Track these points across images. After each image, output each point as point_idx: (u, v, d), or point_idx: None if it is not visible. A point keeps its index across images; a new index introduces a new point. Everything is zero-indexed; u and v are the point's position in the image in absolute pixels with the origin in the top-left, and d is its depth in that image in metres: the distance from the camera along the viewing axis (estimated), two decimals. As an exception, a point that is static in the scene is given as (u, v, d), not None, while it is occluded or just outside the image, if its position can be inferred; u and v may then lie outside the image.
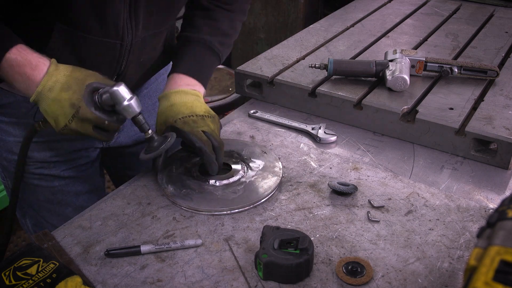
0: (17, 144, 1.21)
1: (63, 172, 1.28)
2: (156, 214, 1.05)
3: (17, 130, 1.22)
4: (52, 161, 1.26)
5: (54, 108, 0.98)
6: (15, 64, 0.97)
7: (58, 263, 0.86)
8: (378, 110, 1.31)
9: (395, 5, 2.14)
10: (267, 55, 1.60)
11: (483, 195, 1.11)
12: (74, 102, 0.97)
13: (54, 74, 0.98)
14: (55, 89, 0.97)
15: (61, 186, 1.30)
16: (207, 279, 0.89)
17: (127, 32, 1.08)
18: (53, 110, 0.98)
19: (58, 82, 0.98)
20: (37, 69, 0.98)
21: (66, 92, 0.98)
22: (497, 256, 0.58)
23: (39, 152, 1.24)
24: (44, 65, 0.99)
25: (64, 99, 0.97)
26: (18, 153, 1.17)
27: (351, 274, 0.89)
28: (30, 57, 0.98)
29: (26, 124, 1.20)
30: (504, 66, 1.54)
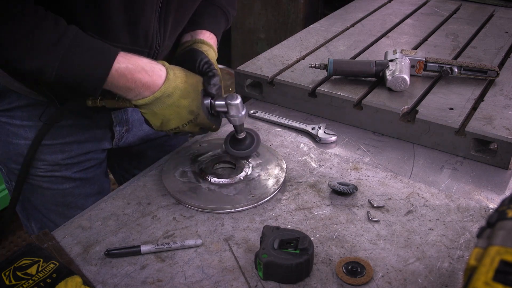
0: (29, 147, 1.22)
1: (74, 174, 1.28)
2: (156, 214, 1.05)
3: (29, 133, 1.21)
4: (64, 163, 1.26)
5: (169, 113, 1.02)
6: (128, 72, 0.97)
7: (58, 263, 0.86)
8: (378, 110, 1.31)
9: (395, 5, 2.14)
10: (267, 55, 1.60)
11: (483, 195, 1.11)
12: (193, 109, 1.04)
13: (173, 80, 1.01)
14: (175, 96, 1.01)
15: (71, 188, 1.30)
16: (207, 279, 0.89)
17: (155, 40, 1.09)
18: (167, 114, 1.02)
19: (177, 89, 1.01)
20: (153, 76, 1.00)
21: (185, 99, 1.02)
22: (497, 256, 0.58)
23: (51, 155, 1.24)
24: (160, 71, 1.01)
25: (183, 106, 1.02)
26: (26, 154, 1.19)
27: (351, 274, 0.89)
28: (141, 63, 0.99)
29: (39, 126, 1.20)
30: (504, 66, 1.54)
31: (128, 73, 0.97)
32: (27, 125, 1.21)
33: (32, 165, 1.24)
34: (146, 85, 0.99)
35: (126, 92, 1.00)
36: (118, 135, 1.32)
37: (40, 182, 1.26)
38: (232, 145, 1.17)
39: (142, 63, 0.99)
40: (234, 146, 1.17)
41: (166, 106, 1.01)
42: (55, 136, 1.22)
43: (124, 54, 0.98)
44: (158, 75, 1.00)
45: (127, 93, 1.00)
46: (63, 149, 1.25)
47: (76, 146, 1.26)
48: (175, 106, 1.02)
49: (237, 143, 1.16)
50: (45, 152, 1.23)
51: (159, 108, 1.01)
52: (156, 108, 1.01)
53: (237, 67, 1.51)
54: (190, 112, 1.04)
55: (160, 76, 1.00)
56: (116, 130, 1.30)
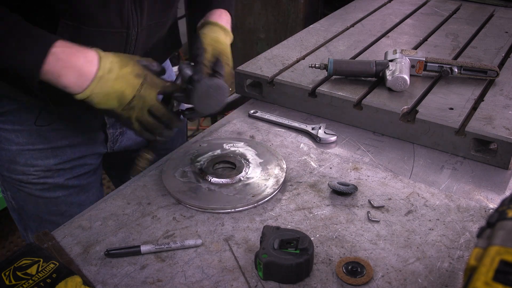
0: (21, 152, 1.20)
1: (67, 181, 1.27)
2: (156, 214, 1.05)
3: (21, 138, 1.20)
4: (57, 169, 1.25)
5: (119, 85, 0.99)
6: (64, 57, 0.95)
7: (58, 263, 0.86)
8: (378, 110, 1.31)
9: (395, 5, 2.14)
10: (267, 55, 1.60)
11: (483, 195, 1.11)
12: (138, 72, 1.01)
13: (105, 56, 0.99)
14: (115, 68, 0.99)
15: (65, 197, 1.28)
16: (207, 279, 0.89)
17: (132, 20, 1.07)
18: (118, 88, 0.99)
19: (114, 62, 1.00)
20: (86, 58, 0.98)
21: (126, 67, 1.00)
22: (497, 256, 0.58)
23: (43, 160, 1.22)
24: (91, 52, 0.99)
25: (128, 73, 1.00)
26: None
27: (351, 274, 0.89)
28: (76, 48, 0.98)
29: (31, 131, 1.19)
30: (504, 66, 1.54)
31: (66, 58, 0.95)
32: (19, 129, 1.19)
33: (24, 172, 1.22)
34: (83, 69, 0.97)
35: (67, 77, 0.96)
36: (112, 137, 1.31)
37: (33, 190, 1.25)
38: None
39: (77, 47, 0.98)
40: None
41: (113, 81, 0.99)
42: (47, 140, 1.21)
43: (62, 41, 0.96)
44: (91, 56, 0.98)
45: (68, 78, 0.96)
46: (55, 153, 1.23)
47: (69, 150, 1.25)
48: (121, 77, 0.99)
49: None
50: (37, 157, 1.21)
51: (108, 86, 0.99)
52: (104, 88, 0.99)
53: (237, 67, 1.51)
54: (137, 76, 1.01)
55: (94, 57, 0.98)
56: (109, 132, 1.29)
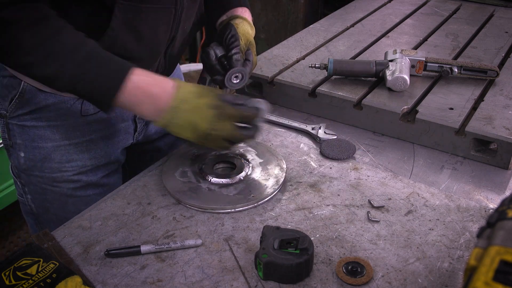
0: (56, 149, 1.20)
1: (99, 179, 1.27)
2: (156, 214, 1.05)
3: (57, 134, 1.19)
4: (91, 164, 1.25)
5: (193, 117, 0.99)
6: (144, 84, 0.97)
7: (58, 263, 0.86)
8: (378, 110, 1.31)
9: (395, 5, 2.14)
10: (267, 55, 1.60)
11: (483, 195, 1.11)
12: (214, 102, 1.00)
13: (183, 85, 1.00)
14: (190, 98, 0.99)
15: (95, 195, 1.27)
16: (207, 279, 0.89)
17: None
18: (192, 120, 0.99)
19: (191, 92, 1.00)
20: (163, 85, 0.99)
21: (202, 98, 1.00)
22: (497, 256, 0.58)
23: (78, 155, 1.22)
24: (167, 82, 1.00)
25: (203, 104, 0.99)
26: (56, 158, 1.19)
27: (351, 274, 0.89)
28: (154, 76, 0.99)
29: (67, 126, 1.19)
30: (504, 66, 1.54)
31: (145, 85, 0.97)
32: (54, 125, 1.19)
33: (60, 169, 1.22)
34: (157, 96, 0.98)
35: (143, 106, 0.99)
36: (140, 128, 1.32)
37: (65, 189, 1.24)
38: None
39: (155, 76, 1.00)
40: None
41: (188, 112, 0.99)
42: (81, 133, 1.21)
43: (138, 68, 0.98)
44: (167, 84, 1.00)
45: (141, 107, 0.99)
46: (89, 147, 1.23)
47: (102, 143, 1.25)
48: (196, 108, 0.99)
49: None
50: (72, 151, 1.21)
51: (181, 118, 0.99)
52: (179, 119, 0.99)
53: (237, 67, 1.51)
54: (211, 107, 0.99)
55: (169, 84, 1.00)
56: (139, 122, 1.30)
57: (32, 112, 1.17)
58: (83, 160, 1.24)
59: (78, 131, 1.21)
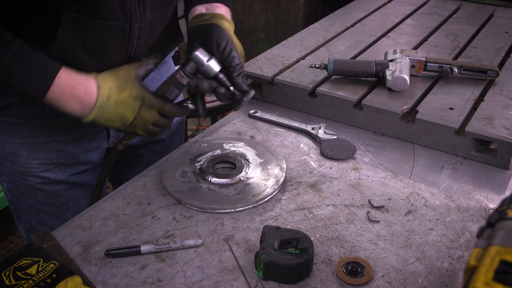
0: (24, 145, 1.21)
1: (68, 177, 1.28)
2: (156, 214, 1.05)
3: (24, 131, 1.21)
4: (58, 163, 1.25)
5: (119, 110, 1.05)
6: (68, 88, 1.00)
7: (58, 263, 0.86)
8: (378, 110, 1.31)
9: (395, 5, 2.14)
10: (267, 55, 1.60)
11: (483, 195, 1.11)
12: (136, 95, 1.05)
13: (103, 84, 1.03)
14: (113, 95, 1.04)
15: (64, 190, 1.29)
16: (207, 279, 0.89)
17: (135, 14, 1.07)
18: (118, 112, 1.05)
19: (112, 88, 1.04)
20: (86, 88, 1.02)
21: (124, 92, 1.04)
22: (497, 256, 0.58)
23: (46, 153, 1.23)
24: (91, 82, 1.03)
25: (126, 97, 1.04)
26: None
27: (351, 274, 0.89)
28: (78, 78, 1.02)
29: (34, 124, 1.20)
30: (504, 66, 1.54)
31: (69, 88, 1.00)
32: (22, 122, 1.20)
33: (27, 165, 1.23)
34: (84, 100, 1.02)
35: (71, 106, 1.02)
36: (114, 133, 1.31)
37: (33, 182, 1.26)
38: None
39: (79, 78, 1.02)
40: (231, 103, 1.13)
41: (113, 107, 1.04)
42: (50, 133, 1.22)
43: (65, 69, 1.00)
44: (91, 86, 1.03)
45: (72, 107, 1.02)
46: (58, 147, 1.24)
47: (71, 145, 1.25)
48: (119, 103, 1.04)
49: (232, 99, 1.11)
50: (40, 150, 1.22)
51: (109, 112, 1.04)
52: (107, 114, 1.04)
53: (237, 67, 1.51)
54: (135, 98, 1.05)
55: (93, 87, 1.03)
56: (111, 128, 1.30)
57: (2, 107, 1.19)
58: (50, 159, 1.25)
59: (44, 132, 1.21)
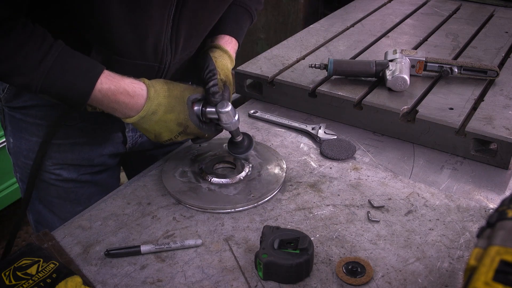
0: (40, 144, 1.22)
1: (80, 176, 1.28)
2: (156, 214, 1.05)
3: (42, 132, 1.21)
4: (73, 163, 1.26)
5: (158, 128, 1.05)
6: (110, 93, 0.98)
7: (58, 263, 0.86)
8: (378, 110, 1.31)
9: (395, 5, 2.14)
10: (267, 55, 1.60)
11: (483, 195, 1.11)
12: (181, 121, 1.06)
13: (155, 98, 1.02)
14: (159, 112, 1.03)
15: (76, 187, 1.30)
16: (207, 279, 0.89)
17: (166, 55, 1.08)
18: (157, 129, 1.05)
19: (161, 105, 1.03)
20: (135, 96, 1.01)
21: (171, 113, 1.04)
22: (497, 256, 0.58)
23: (61, 154, 1.24)
24: (141, 90, 1.02)
25: (170, 120, 1.04)
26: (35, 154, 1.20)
27: (351, 274, 0.89)
28: (123, 84, 1.00)
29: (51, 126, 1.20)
30: (504, 66, 1.54)
31: (111, 94, 0.98)
32: (40, 124, 1.21)
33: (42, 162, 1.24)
34: (129, 107, 1.01)
35: (112, 111, 1.02)
36: (132, 140, 1.32)
37: (46, 177, 1.27)
38: (231, 148, 1.17)
39: (124, 84, 1.00)
40: (233, 149, 1.17)
41: (154, 123, 1.04)
42: (66, 136, 1.22)
43: (108, 73, 0.98)
44: (140, 95, 1.01)
45: (113, 111, 1.02)
46: (73, 149, 1.24)
47: (87, 148, 1.26)
48: (162, 122, 1.04)
49: (235, 146, 1.17)
50: (55, 150, 1.23)
51: (148, 125, 1.04)
52: (144, 125, 1.04)
53: (237, 67, 1.51)
54: (179, 125, 1.05)
55: (142, 96, 1.02)
56: (129, 135, 1.30)
57: (21, 107, 1.20)
58: (65, 159, 1.25)
59: (60, 134, 1.22)
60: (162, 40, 1.05)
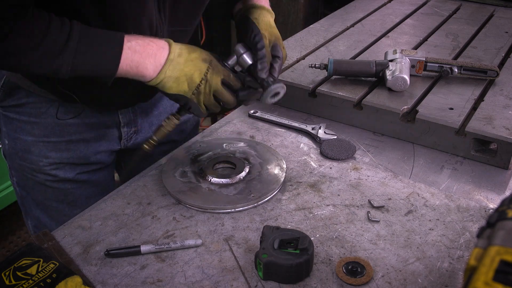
0: (35, 144, 1.23)
1: (77, 175, 1.29)
2: (156, 214, 1.05)
3: (36, 130, 1.22)
4: (69, 162, 1.26)
5: (188, 68, 1.04)
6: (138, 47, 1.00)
7: (58, 263, 0.86)
8: (378, 110, 1.31)
9: (395, 5, 2.14)
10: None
11: (483, 195, 1.11)
12: (204, 57, 1.06)
13: (176, 45, 1.05)
14: (184, 53, 1.05)
15: (73, 188, 1.30)
16: (207, 279, 0.89)
17: (159, 28, 1.10)
18: (187, 71, 1.04)
19: (183, 48, 1.05)
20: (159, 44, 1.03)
21: (194, 52, 1.06)
22: (497, 256, 0.58)
23: (57, 152, 1.24)
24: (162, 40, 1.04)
25: (195, 57, 1.05)
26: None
27: (351, 274, 0.89)
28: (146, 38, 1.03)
29: (46, 124, 1.21)
30: (504, 66, 1.54)
31: (140, 47, 1.00)
32: (34, 122, 1.21)
33: (37, 162, 1.24)
34: (157, 54, 1.02)
35: (142, 67, 1.01)
36: (126, 135, 1.32)
37: (43, 179, 1.27)
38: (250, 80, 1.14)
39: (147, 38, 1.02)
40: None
41: (183, 64, 1.04)
42: (61, 133, 1.22)
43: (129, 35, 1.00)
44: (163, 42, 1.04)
45: (143, 68, 1.01)
46: (68, 147, 1.25)
47: (82, 145, 1.26)
48: (189, 61, 1.04)
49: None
50: (51, 149, 1.23)
51: (178, 70, 1.03)
52: (175, 71, 1.03)
53: (237, 67, 1.51)
54: (204, 60, 1.06)
55: (164, 43, 1.04)
56: (123, 130, 1.30)
57: (15, 106, 1.20)
58: (61, 158, 1.25)
59: (56, 131, 1.22)
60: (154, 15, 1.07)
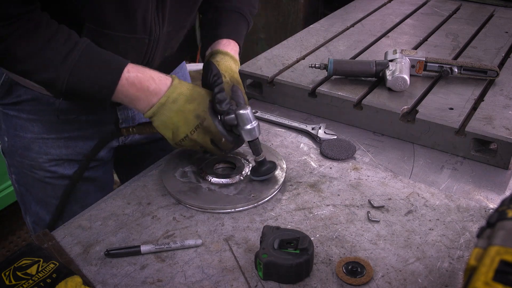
0: (35, 141, 1.23)
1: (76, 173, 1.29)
2: (156, 214, 1.05)
3: (36, 127, 1.22)
4: (68, 159, 1.27)
5: (177, 119, 1.02)
6: (137, 81, 1.00)
7: (58, 263, 0.86)
8: (378, 110, 1.31)
9: (395, 5, 2.14)
10: (267, 55, 1.60)
11: (483, 195, 1.11)
12: (199, 113, 1.03)
13: (178, 87, 1.02)
14: (180, 101, 1.02)
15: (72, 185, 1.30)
16: (207, 279, 0.89)
17: (155, 26, 1.09)
18: (175, 121, 1.02)
19: (182, 95, 1.02)
20: (160, 83, 1.02)
21: (190, 104, 1.03)
22: (497, 256, 0.58)
23: (56, 149, 1.25)
24: (167, 79, 1.03)
25: (189, 110, 1.02)
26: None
27: (351, 274, 0.89)
28: (150, 73, 1.02)
29: (45, 121, 1.21)
30: (504, 66, 1.54)
31: (138, 82, 0.99)
32: (33, 119, 1.22)
33: (37, 159, 1.25)
34: (153, 92, 1.01)
35: (135, 102, 1.02)
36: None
37: (42, 176, 1.27)
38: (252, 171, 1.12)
39: (151, 73, 1.02)
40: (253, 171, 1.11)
41: (174, 113, 1.02)
42: (60, 130, 1.23)
43: (133, 65, 1.00)
44: (164, 83, 1.02)
45: (136, 103, 1.02)
46: (68, 144, 1.25)
47: (81, 142, 1.26)
48: (181, 112, 1.02)
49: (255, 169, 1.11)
50: (50, 145, 1.24)
51: (167, 116, 1.03)
52: (164, 116, 1.03)
53: (237, 67, 1.51)
54: (196, 116, 1.03)
55: (166, 83, 1.03)
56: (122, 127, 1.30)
57: (14, 103, 1.21)
58: (59, 155, 1.26)
59: (56, 128, 1.23)
60: (150, 11, 1.06)
